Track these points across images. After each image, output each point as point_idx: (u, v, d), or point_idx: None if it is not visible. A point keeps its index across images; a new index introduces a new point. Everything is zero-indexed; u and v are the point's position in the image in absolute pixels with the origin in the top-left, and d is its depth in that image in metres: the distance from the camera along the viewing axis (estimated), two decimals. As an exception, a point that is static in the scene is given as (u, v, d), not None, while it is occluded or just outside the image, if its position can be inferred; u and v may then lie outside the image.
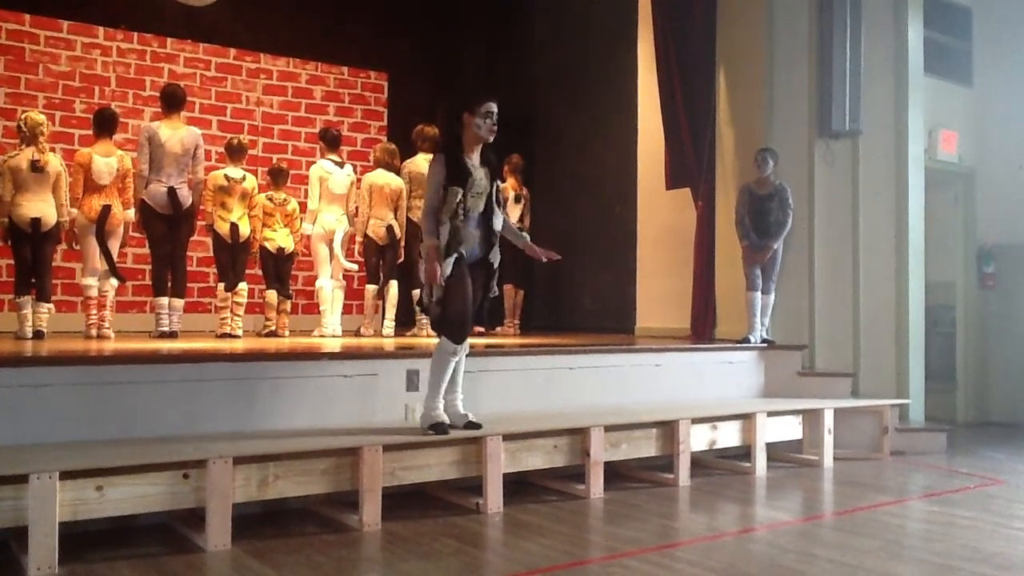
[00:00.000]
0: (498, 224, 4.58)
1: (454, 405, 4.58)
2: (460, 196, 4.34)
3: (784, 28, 7.26)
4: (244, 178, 7.05)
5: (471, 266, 4.47)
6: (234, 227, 6.93)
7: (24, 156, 6.22)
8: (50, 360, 4.21)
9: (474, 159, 4.48)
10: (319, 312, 7.52)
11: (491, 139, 4.49)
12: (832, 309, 7.17)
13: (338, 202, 7.38)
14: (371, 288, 7.40)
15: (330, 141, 7.57)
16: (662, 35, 7.90)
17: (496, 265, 4.61)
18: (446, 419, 4.44)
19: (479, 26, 10.56)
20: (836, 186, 7.27)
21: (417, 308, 6.82)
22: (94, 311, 6.54)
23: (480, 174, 4.46)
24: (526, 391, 5.46)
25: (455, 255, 4.35)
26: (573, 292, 9.61)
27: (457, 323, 4.40)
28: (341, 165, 7.45)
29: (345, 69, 10.11)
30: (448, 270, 4.33)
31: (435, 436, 4.34)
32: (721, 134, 7.51)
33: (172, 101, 6.68)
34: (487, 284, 4.59)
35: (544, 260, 4.76)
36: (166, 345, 5.67)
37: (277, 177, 7.49)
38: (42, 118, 6.40)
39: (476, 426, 4.51)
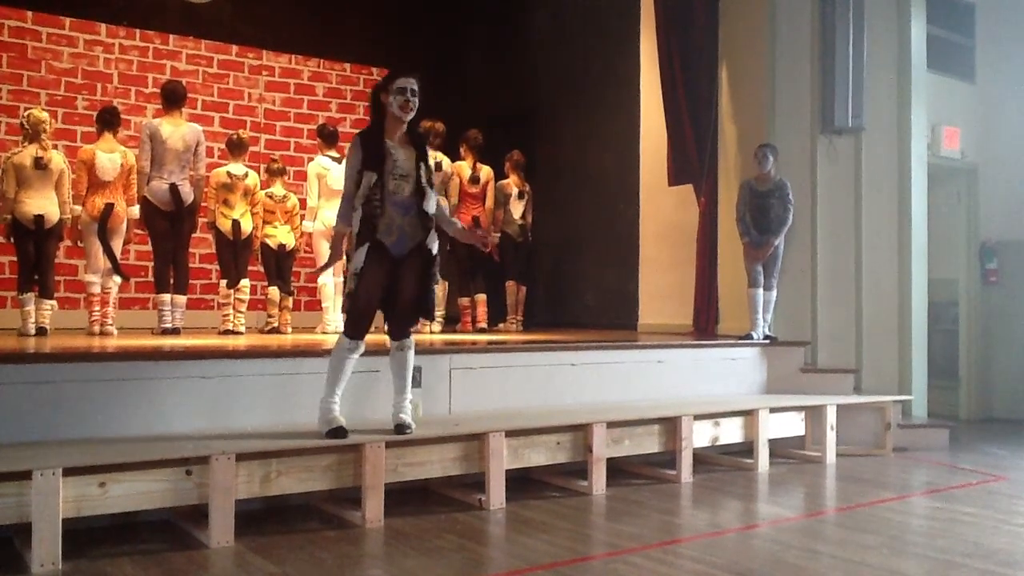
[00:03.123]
0: (431, 207, 4.24)
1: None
2: (375, 181, 4.12)
3: (786, 23, 7.25)
4: (246, 175, 7.05)
5: (405, 256, 4.22)
6: (236, 224, 6.93)
7: (27, 153, 6.23)
8: (53, 357, 4.21)
9: (396, 141, 4.23)
10: (321, 308, 7.52)
11: (405, 117, 4.20)
12: (834, 305, 7.17)
13: (337, 198, 7.35)
14: (373, 284, 7.39)
15: (328, 137, 7.56)
16: (664, 31, 7.89)
17: (435, 251, 4.28)
18: (342, 421, 4.12)
19: (481, 22, 10.56)
20: (838, 182, 7.26)
21: None
22: (97, 308, 6.56)
23: (401, 155, 4.21)
24: (528, 387, 5.46)
25: (367, 244, 4.12)
26: (575, 288, 9.60)
27: (354, 317, 4.20)
28: (339, 161, 7.44)
29: (347, 65, 10.11)
30: (360, 260, 4.12)
31: (334, 441, 4.04)
32: (723, 130, 7.51)
33: (173, 98, 6.68)
34: (427, 272, 4.28)
35: (486, 248, 4.64)
36: (168, 342, 5.67)
37: (272, 172, 7.49)
38: (45, 115, 6.41)
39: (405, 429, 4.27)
